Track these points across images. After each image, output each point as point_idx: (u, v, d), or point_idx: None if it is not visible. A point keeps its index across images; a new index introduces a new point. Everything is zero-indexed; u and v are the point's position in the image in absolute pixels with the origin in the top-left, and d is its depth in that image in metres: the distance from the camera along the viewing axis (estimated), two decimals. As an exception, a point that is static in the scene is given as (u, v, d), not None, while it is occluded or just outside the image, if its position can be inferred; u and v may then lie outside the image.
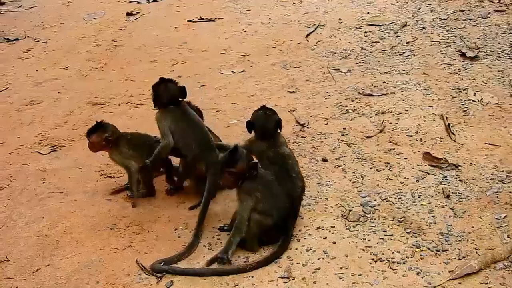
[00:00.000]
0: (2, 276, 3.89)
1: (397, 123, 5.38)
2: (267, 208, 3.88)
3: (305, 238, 4.02)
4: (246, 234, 3.90)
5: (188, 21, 8.62)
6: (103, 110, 6.05)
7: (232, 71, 6.84)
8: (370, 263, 3.76)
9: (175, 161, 4.69)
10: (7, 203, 4.66)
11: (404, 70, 6.46)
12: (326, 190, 4.53)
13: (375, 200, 4.37)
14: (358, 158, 4.91)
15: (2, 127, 5.88)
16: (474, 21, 7.61)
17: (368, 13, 8.25)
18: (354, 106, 5.76)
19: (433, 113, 5.51)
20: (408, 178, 4.60)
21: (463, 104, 5.62)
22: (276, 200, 3.91)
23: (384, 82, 6.21)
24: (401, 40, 7.26)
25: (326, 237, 4.01)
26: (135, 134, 4.72)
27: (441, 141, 5.07)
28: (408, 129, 5.27)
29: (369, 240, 3.96)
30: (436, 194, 4.39)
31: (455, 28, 7.43)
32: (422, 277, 3.61)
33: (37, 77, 7.06)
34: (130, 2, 9.77)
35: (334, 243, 3.95)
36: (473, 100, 5.69)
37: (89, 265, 3.93)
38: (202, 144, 4.40)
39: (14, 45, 8.18)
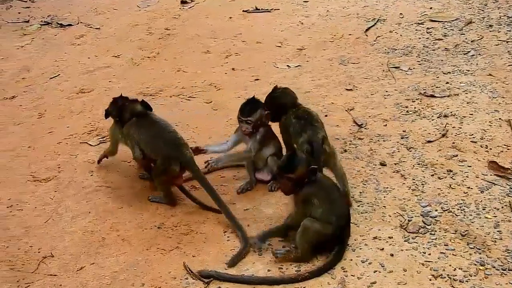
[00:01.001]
0: (46, 272, 3.82)
1: (460, 128, 5.10)
2: (326, 214, 3.68)
3: (360, 249, 3.83)
4: (300, 242, 3.71)
5: (243, 11, 8.44)
6: (154, 102, 5.89)
7: (288, 65, 6.64)
8: (430, 280, 3.55)
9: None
10: (54, 195, 4.59)
11: (468, 71, 6.13)
12: (384, 197, 4.32)
13: (436, 210, 4.14)
14: (419, 164, 4.67)
15: (52, 115, 5.83)
16: (545, 20, 7.21)
17: (431, 8, 7.90)
18: (415, 107, 5.49)
19: (500, 118, 5.20)
20: (472, 188, 4.35)
21: (532, 110, 5.30)
22: (335, 206, 3.72)
23: (447, 82, 5.90)
24: (466, 38, 6.91)
25: (383, 249, 3.81)
26: None
27: (508, 149, 4.77)
28: (472, 135, 4.98)
29: (429, 254, 3.74)
30: (502, 207, 4.13)
31: (524, 27, 7.06)
32: (486, 299, 3.40)
33: (88, 64, 7.00)
34: (185, -11, 9.67)
35: (392, 255, 3.75)
36: (543, 106, 5.36)
37: (135, 265, 3.82)
38: (171, 143, 4.32)
39: (66, 30, 8.13)
